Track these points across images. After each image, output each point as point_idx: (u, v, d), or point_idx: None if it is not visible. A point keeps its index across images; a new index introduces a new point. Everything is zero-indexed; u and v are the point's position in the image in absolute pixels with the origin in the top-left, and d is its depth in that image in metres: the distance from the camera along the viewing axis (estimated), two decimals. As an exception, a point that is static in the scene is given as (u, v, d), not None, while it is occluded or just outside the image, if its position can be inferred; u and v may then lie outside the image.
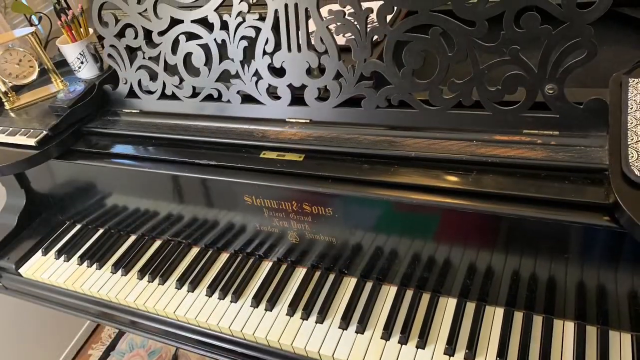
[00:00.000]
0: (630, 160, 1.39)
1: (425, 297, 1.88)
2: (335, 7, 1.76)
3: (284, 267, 2.11)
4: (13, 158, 2.17)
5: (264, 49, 1.91)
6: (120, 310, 2.23)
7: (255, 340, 1.93)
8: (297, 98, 1.93)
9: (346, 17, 1.75)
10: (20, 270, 2.47)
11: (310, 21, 1.81)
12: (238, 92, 2.03)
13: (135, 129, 2.22)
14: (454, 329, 1.77)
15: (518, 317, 1.76)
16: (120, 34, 2.15)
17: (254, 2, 1.89)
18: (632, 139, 1.44)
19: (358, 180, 1.74)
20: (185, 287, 2.14)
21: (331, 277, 2.02)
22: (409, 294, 1.90)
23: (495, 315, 1.79)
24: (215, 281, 2.12)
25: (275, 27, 1.87)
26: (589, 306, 1.65)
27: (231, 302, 2.04)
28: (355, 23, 1.74)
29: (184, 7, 2.00)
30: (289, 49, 1.87)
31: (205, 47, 2.01)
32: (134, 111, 2.30)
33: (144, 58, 2.15)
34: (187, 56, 2.05)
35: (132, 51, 2.18)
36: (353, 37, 1.76)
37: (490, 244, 1.68)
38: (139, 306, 2.16)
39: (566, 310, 1.69)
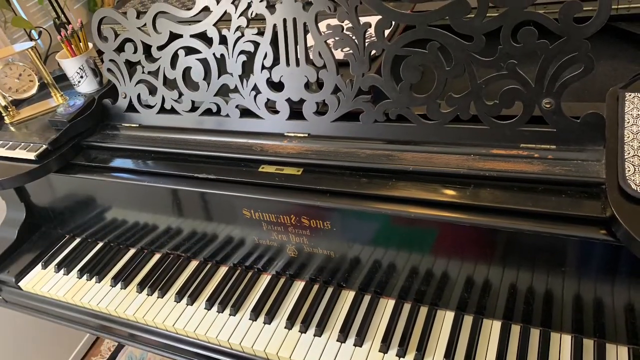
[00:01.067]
0: (626, 174, 1.40)
1: (423, 310, 1.88)
2: (334, 21, 1.77)
3: (282, 280, 2.11)
4: (13, 172, 2.17)
5: (263, 63, 1.92)
6: (119, 323, 2.23)
7: (254, 353, 1.93)
8: (296, 112, 1.94)
9: (344, 31, 1.76)
10: (20, 284, 2.47)
11: (309, 36, 1.82)
12: (237, 106, 2.04)
13: (135, 143, 2.23)
14: (452, 342, 1.77)
15: (515, 330, 1.76)
16: (120, 49, 2.16)
17: (252, 16, 1.90)
18: (629, 153, 1.44)
19: (356, 194, 1.75)
20: (184, 300, 2.14)
21: (329, 290, 2.02)
22: (406, 307, 1.90)
23: (492, 328, 1.79)
24: (214, 294, 2.12)
25: (274, 42, 1.88)
26: (586, 319, 1.65)
27: (230, 315, 2.04)
28: (354, 38, 1.75)
29: (183, 22, 2.01)
30: (288, 64, 1.88)
31: (204, 62, 2.02)
32: (133, 125, 2.30)
33: (143, 72, 2.16)
34: (186, 70, 2.06)
35: (131, 65, 2.19)
36: (351, 51, 1.77)
37: (487, 257, 1.68)
38: (138, 319, 2.16)
39: (563, 323, 1.70)
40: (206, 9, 1.95)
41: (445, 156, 1.72)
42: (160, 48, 2.08)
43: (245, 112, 2.04)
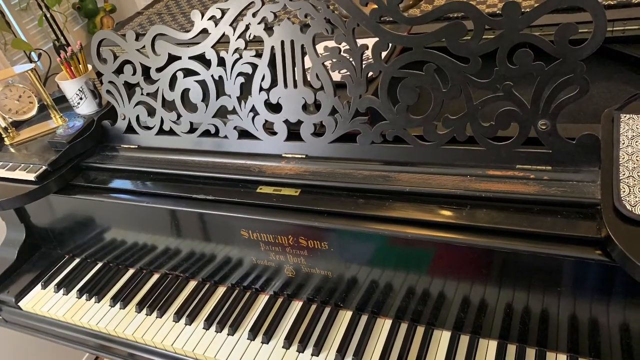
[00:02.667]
0: (621, 195, 1.40)
1: (420, 330, 1.89)
2: (331, 43, 1.79)
3: (280, 300, 2.11)
4: (13, 193, 2.18)
5: (261, 85, 1.93)
6: (118, 343, 2.23)
7: (252, 373, 1.94)
8: (293, 133, 1.95)
9: (342, 53, 1.77)
10: (20, 304, 2.47)
11: (306, 57, 1.83)
12: (235, 128, 2.05)
13: (134, 164, 2.24)
14: (449, 362, 1.78)
15: (511, 349, 1.76)
16: (119, 70, 2.17)
17: (250, 39, 1.91)
18: (624, 174, 1.45)
19: (353, 214, 1.76)
20: (182, 320, 2.15)
21: (327, 310, 2.03)
22: (403, 326, 1.91)
23: (488, 348, 1.79)
24: (212, 314, 2.13)
25: (272, 64, 1.89)
26: (581, 339, 1.65)
27: (228, 334, 2.04)
28: (351, 59, 1.77)
29: (182, 44, 2.02)
30: (285, 85, 1.89)
31: (203, 83, 2.03)
32: (132, 146, 2.31)
33: (142, 94, 2.17)
34: (185, 92, 2.07)
35: (130, 87, 2.20)
36: (348, 73, 1.78)
37: (483, 277, 1.69)
38: (137, 339, 2.16)
39: (559, 342, 1.70)
40: (205, 31, 1.97)
41: (442, 177, 1.73)
42: (159, 70, 2.10)
43: (244, 134, 2.05)
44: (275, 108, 1.95)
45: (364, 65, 1.76)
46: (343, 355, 1.87)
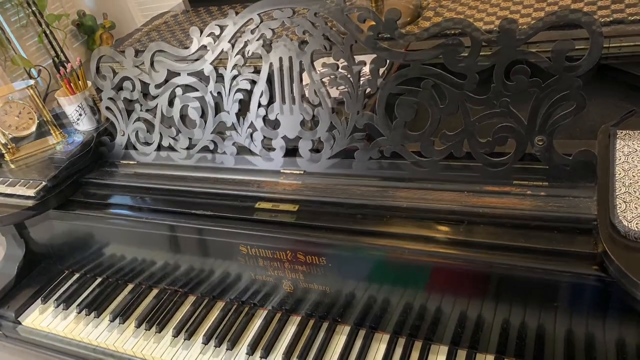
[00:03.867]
0: (618, 211, 1.41)
1: (417, 345, 1.88)
2: (329, 60, 1.79)
3: (278, 315, 2.11)
4: (13, 208, 2.19)
5: (259, 101, 1.94)
6: (118, 358, 2.22)
7: (251, 387, 1.94)
8: (292, 150, 1.96)
9: (340, 70, 1.78)
10: (20, 319, 2.47)
11: (305, 74, 1.84)
12: (233, 144, 2.05)
13: (133, 180, 2.25)
14: (446, 377, 1.78)
15: (509, 365, 1.77)
16: (118, 87, 2.18)
17: (249, 55, 1.92)
18: (620, 190, 1.46)
19: (351, 230, 1.76)
20: (182, 335, 2.14)
21: (325, 325, 2.02)
22: (401, 341, 1.90)
23: (486, 363, 1.79)
24: (211, 329, 2.12)
25: (270, 80, 1.90)
26: (577, 354, 1.65)
27: (227, 349, 2.04)
28: (349, 76, 1.78)
29: (181, 60, 2.03)
30: (284, 102, 1.90)
31: (202, 100, 2.03)
32: (131, 162, 2.32)
33: (141, 110, 2.18)
34: (184, 108, 2.08)
35: (129, 103, 2.20)
36: (346, 89, 1.79)
37: (481, 292, 1.69)
38: (136, 354, 2.16)
39: (555, 357, 1.69)
40: (203, 48, 1.98)
41: (439, 193, 1.73)
42: (158, 86, 2.11)
43: (242, 150, 2.06)
44: (273, 124, 1.96)
45: (361, 82, 1.77)
46: (342, 371, 1.87)
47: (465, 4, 2.46)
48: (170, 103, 2.10)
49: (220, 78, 1.98)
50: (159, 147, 2.22)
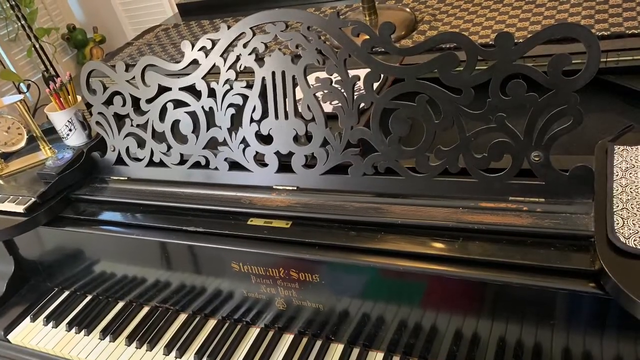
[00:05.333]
0: (615, 227, 1.39)
1: (413, 364, 1.87)
2: (323, 74, 1.78)
3: (271, 333, 2.09)
4: (2, 225, 2.18)
5: (252, 116, 1.92)
6: (107, 377, 2.21)
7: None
8: (284, 165, 1.94)
9: (333, 84, 1.77)
10: (9, 337, 2.45)
11: (298, 89, 1.83)
12: (225, 159, 2.04)
13: (123, 196, 2.23)
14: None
15: (505, 383, 1.75)
16: (108, 102, 2.16)
17: (241, 69, 1.90)
18: (618, 206, 1.44)
19: (345, 247, 1.75)
20: (173, 354, 2.12)
21: (318, 343, 2.00)
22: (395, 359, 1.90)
23: (482, 382, 1.77)
24: (202, 347, 2.10)
25: (263, 95, 1.89)
26: (575, 372, 1.64)
27: (219, 368, 2.02)
28: (342, 90, 1.76)
29: (172, 75, 2.01)
30: (276, 117, 1.89)
31: (193, 115, 2.02)
32: (122, 178, 2.30)
33: (131, 125, 2.16)
34: (175, 123, 2.07)
35: (120, 118, 2.19)
36: (340, 104, 1.77)
37: (476, 309, 1.67)
38: (127, 373, 2.14)
39: (553, 376, 1.69)
40: (195, 62, 1.96)
41: (434, 209, 1.72)
42: (149, 101, 2.09)
43: (234, 165, 2.04)
44: (266, 139, 1.94)
45: (355, 97, 1.75)
46: (335, 391, 1.85)
47: (460, 17, 2.47)
48: (162, 118, 2.08)
49: (212, 92, 1.97)
50: (150, 163, 2.20)
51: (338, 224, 1.82)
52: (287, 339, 2.06)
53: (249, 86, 1.90)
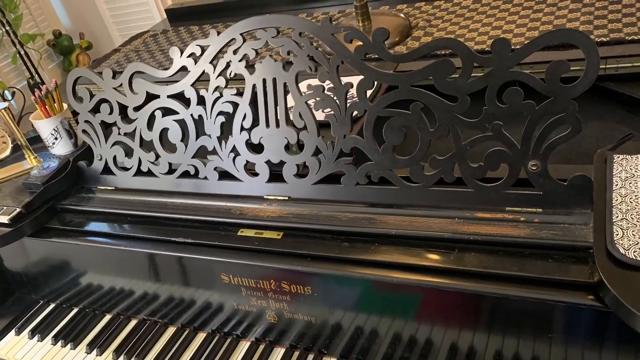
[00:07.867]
0: (615, 239, 1.38)
1: (407, 378, 1.84)
2: (315, 82, 1.76)
3: (262, 347, 2.06)
4: (-15, 236, 2.14)
5: (242, 124, 1.90)
6: (94, 392, 2.19)
7: None
8: (276, 174, 1.92)
9: (325, 92, 1.75)
10: (-7, 351, 2.41)
11: (289, 96, 1.81)
12: (215, 169, 2.02)
13: (111, 206, 2.21)
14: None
15: (502, 398, 1.72)
16: (95, 109, 2.14)
17: (231, 76, 1.88)
18: (617, 217, 1.43)
19: (337, 258, 1.73)
20: (161, 368, 2.10)
21: (310, 357, 1.98)
22: (390, 374, 1.87)
23: (478, 397, 1.75)
24: (192, 362, 2.08)
25: (253, 102, 1.87)
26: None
27: (208, 383, 2.00)
28: (335, 98, 1.74)
29: (160, 82, 1.99)
30: (267, 125, 1.87)
31: (182, 123, 2.00)
32: (109, 188, 2.28)
33: (119, 134, 2.14)
34: (163, 132, 2.05)
35: (107, 127, 2.17)
36: (332, 112, 1.75)
37: (472, 322, 1.65)
38: (114, 387, 2.12)
39: (551, 390, 1.66)
40: (184, 69, 1.94)
41: (429, 219, 1.70)
42: (137, 109, 2.07)
43: (224, 175, 2.02)
44: (256, 148, 1.92)
45: (348, 104, 1.73)
46: (327, 407, 1.83)
47: (456, 23, 2.46)
48: (150, 126, 2.06)
49: (201, 100, 1.94)
50: (138, 172, 2.18)
51: (331, 235, 1.80)
52: (279, 352, 2.03)
53: (239, 94, 1.88)
